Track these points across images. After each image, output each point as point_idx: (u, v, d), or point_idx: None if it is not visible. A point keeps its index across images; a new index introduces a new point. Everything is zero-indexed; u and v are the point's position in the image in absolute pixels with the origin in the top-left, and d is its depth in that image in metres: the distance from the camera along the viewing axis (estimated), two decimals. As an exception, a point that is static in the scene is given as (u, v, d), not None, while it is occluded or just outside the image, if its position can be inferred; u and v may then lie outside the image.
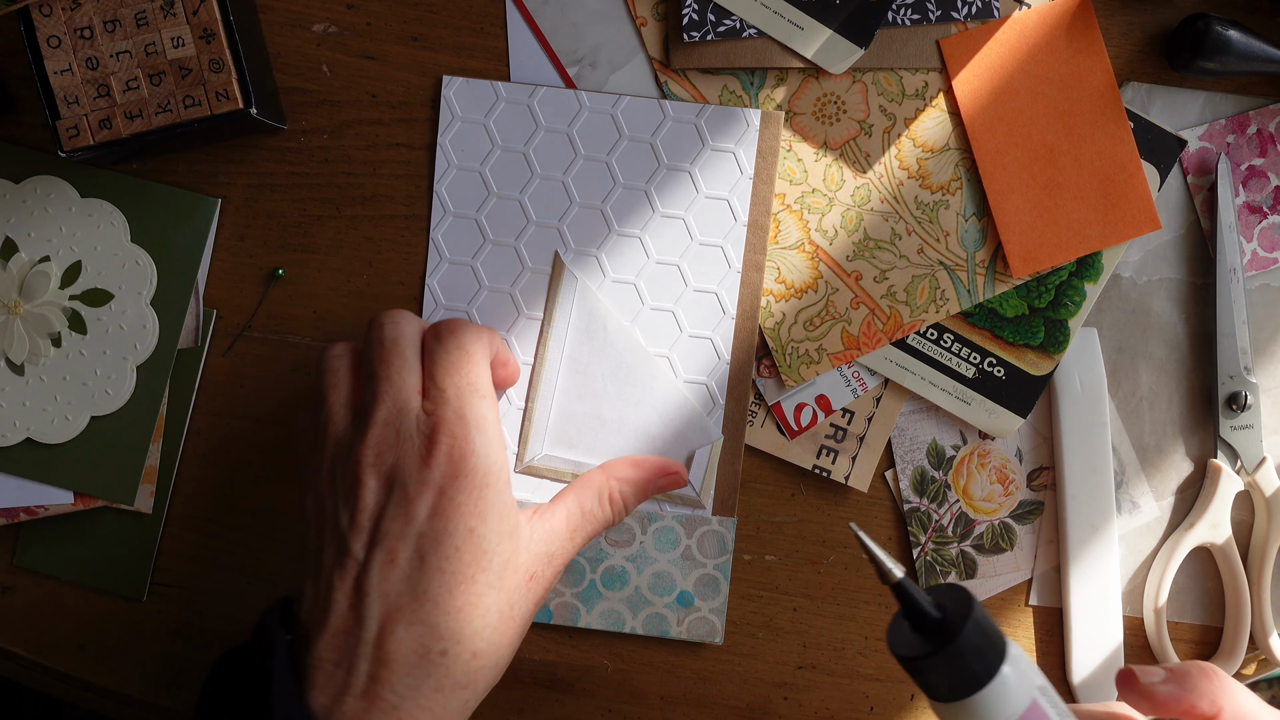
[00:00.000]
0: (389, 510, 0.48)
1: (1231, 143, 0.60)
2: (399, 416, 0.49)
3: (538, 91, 0.59)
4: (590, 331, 0.54)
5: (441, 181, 0.59)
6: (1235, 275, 0.59)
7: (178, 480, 0.60)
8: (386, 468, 0.48)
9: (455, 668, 0.47)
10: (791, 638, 0.60)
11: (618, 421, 0.58)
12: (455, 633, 0.47)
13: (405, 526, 0.47)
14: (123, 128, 0.54)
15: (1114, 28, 0.60)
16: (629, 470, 0.55)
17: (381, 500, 0.48)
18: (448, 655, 0.47)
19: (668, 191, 0.59)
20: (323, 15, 0.59)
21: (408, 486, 0.48)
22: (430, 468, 0.48)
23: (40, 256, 0.58)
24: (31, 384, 0.58)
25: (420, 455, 0.48)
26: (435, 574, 0.47)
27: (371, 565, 0.47)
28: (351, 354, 0.52)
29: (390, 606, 0.47)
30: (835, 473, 0.60)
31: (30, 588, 0.60)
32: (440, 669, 0.46)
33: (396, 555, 0.47)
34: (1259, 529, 0.60)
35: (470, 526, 0.48)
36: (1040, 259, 0.59)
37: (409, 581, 0.47)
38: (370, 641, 0.46)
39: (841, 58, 0.58)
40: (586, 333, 0.54)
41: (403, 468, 0.48)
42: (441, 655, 0.46)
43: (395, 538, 0.47)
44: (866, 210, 0.59)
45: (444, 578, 0.47)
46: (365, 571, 0.47)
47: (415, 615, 0.46)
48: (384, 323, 0.51)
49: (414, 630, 0.46)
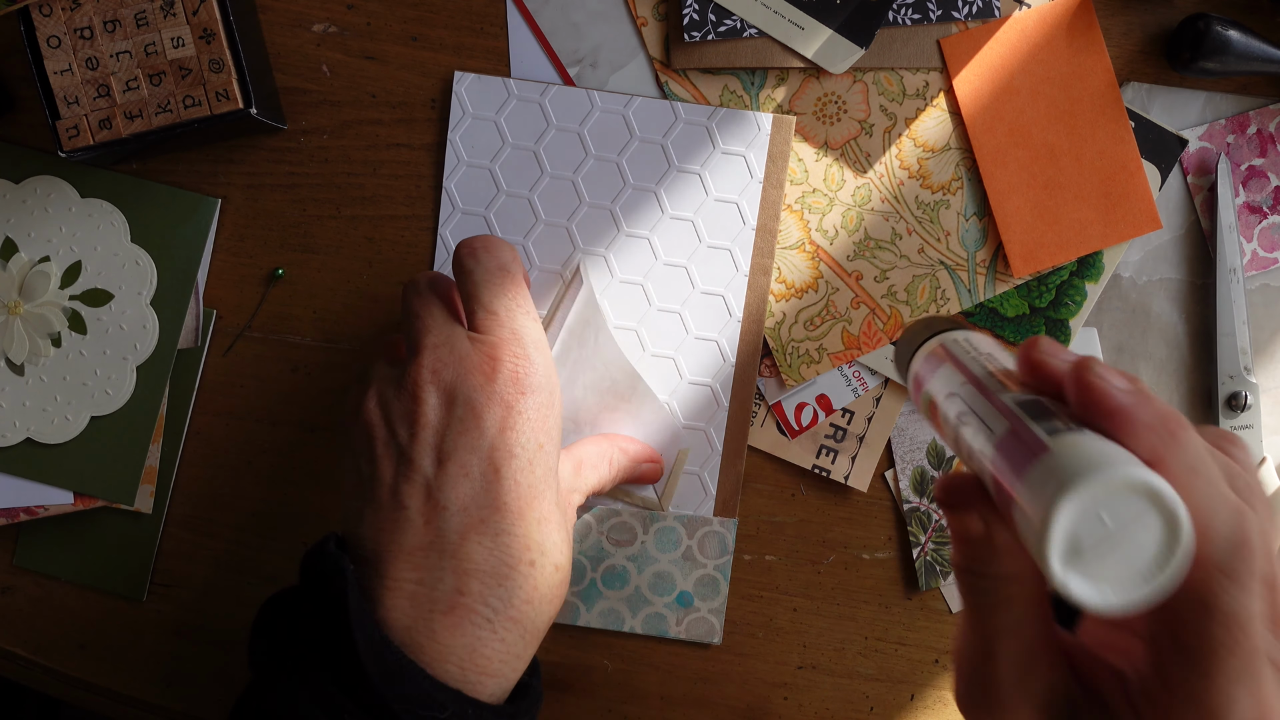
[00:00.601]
0: (454, 426, 0.46)
1: (1231, 143, 0.60)
2: (451, 339, 0.47)
3: (549, 90, 0.59)
4: (582, 338, 0.54)
5: (451, 178, 0.59)
6: (1235, 275, 0.59)
7: (178, 480, 0.60)
8: (446, 384, 0.46)
9: (542, 580, 0.46)
10: (791, 638, 0.60)
11: (591, 425, 0.58)
12: (540, 544, 0.46)
13: (477, 439, 0.46)
14: (123, 128, 0.54)
15: (1114, 28, 0.60)
16: (629, 444, 0.57)
17: (444, 417, 0.46)
18: (535, 566, 0.46)
19: (677, 193, 0.59)
20: (323, 15, 0.59)
21: (474, 401, 0.46)
22: (496, 383, 0.46)
23: (40, 256, 0.58)
24: (31, 384, 0.58)
25: (484, 371, 0.47)
26: (512, 486, 0.46)
27: (444, 479, 0.45)
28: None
29: (470, 519, 0.45)
30: (835, 473, 0.60)
31: (30, 588, 0.60)
32: (530, 581, 0.45)
33: (469, 468, 0.45)
34: (1258, 529, 0.60)
35: (540, 442, 0.47)
36: (1041, 259, 0.59)
37: (487, 494, 0.45)
38: (452, 555, 0.44)
39: (842, 57, 0.58)
40: (578, 339, 0.54)
41: (466, 382, 0.46)
42: (530, 566, 0.45)
43: (466, 450, 0.46)
44: (867, 210, 0.59)
45: (520, 490, 0.46)
46: (438, 486, 0.45)
47: (499, 526, 0.45)
48: (416, 278, 0.51)
49: (500, 541, 0.45)
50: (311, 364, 0.60)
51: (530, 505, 0.46)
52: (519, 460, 0.46)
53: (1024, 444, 0.33)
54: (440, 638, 0.44)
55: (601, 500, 0.59)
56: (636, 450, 0.57)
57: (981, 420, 0.37)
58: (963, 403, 0.39)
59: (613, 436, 0.57)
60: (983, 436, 0.36)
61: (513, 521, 0.45)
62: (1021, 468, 0.33)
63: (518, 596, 0.45)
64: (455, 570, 0.44)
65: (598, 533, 0.59)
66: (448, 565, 0.44)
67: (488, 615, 0.44)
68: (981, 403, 0.37)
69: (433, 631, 0.44)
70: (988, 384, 0.38)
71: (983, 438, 0.36)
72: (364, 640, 0.42)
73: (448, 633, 0.44)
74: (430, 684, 0.43)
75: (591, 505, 0.59)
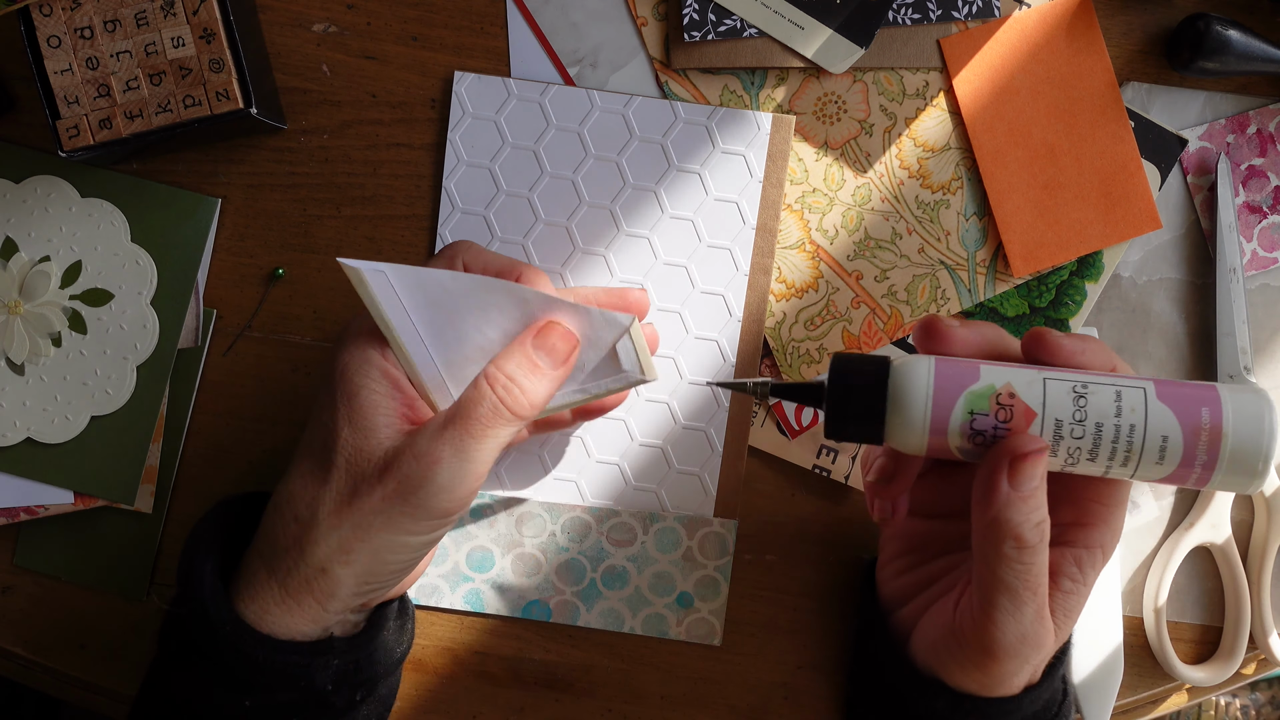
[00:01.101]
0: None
1: (1231, 143, 0.60)
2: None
3: (549, 89, 0.59)
4: (435, 302, 0.47)
5: (450, 177, 0.59)
6: (1235, 275, 0.59)
7: (178, 480, 0.60)
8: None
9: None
10: (791, 638, 0.60)
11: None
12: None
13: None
14: (123, 128, 0.54)
15: (1114, 28, 0.60)
16: (540, 335, 0.49)
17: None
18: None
19: (677, 193, 0.59)
20: (323, 15, 0.59)
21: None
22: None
23: (40, 256, 0.58)
24: (32, 384, 0.58)
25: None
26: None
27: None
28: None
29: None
30: (835, 473, 0.60)
31: (30, 587, 0.60)
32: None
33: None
34: (1259, 529, 0.60)
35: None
36: (1041, 258, 0.59)
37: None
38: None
39: (842, 57, 0.58)
40: (432, 305, 0.47)
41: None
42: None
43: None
44: (867, 210, 0.59)
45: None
46: None
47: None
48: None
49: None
50: (311, 364, 0.60)
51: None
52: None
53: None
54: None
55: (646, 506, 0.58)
56: (555, 337, 0.49)
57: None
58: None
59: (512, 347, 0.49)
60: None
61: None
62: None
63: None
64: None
65: (598, 533, 0.59)
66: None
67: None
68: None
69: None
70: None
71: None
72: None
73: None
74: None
75: (594, 506, 0.59)
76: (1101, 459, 0.44)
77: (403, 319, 0.47)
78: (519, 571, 0.59)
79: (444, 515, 0.46)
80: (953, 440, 0.45)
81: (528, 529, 0.59)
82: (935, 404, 0.45)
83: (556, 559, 0.59)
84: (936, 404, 0.44)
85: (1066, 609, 0.47)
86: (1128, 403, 0.44)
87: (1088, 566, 0.47)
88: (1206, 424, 0.43)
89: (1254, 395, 0.44)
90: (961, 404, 0.44)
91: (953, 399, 0.44)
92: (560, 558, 0.59)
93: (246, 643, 0.46)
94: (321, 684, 0.47)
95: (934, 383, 0.45)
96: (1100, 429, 0.44)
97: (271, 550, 0.48)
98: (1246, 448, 0.43)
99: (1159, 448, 0.44)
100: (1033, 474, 0.43)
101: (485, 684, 0.60)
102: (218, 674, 0.47)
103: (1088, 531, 0.47)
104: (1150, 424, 0.44)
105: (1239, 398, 0.44)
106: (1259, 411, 0.43)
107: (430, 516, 0.46)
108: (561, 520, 0.59)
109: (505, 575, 0.59)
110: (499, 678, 0.60)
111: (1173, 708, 0.62)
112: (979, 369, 0.45)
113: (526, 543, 0.59)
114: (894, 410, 0.45)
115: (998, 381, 0.44)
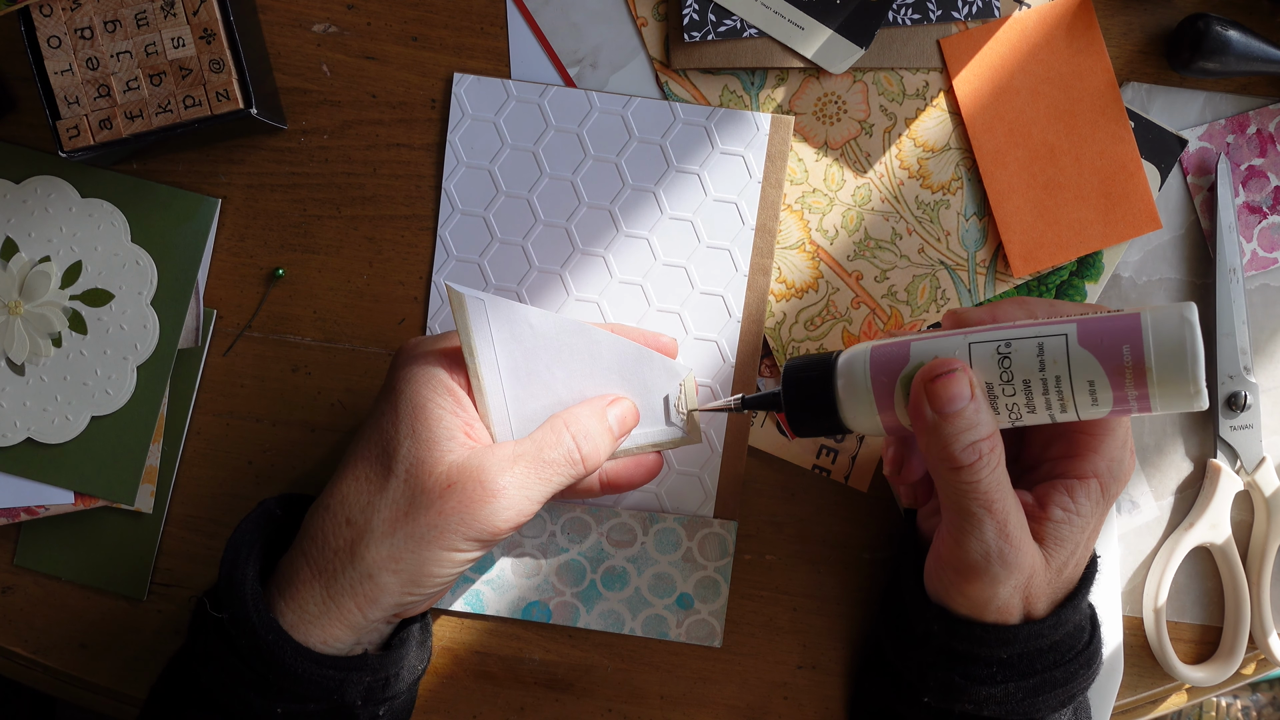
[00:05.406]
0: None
1: (1231, 143, 0.60)
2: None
3: (548, 91, 0.59)
4: (518, 337, 0.51)
5: (450, 179, 0.59)
6: (1235, 275, 0.59)
7: (178, 480, 0.60)
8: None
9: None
10: (791, 638, 0.60)
11: (578, 396, 0.53)
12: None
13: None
14: (123, 128, 0.54)
15: (1114, 28, 0.60)
16: (605, 405, 0.53)
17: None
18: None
19: (676, 193, 0.59)
20: (323, 15, 0.59)
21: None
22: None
23: (40, 256, 0.58)
24: (32, 384, 0.58)
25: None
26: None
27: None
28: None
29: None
30: (835, 473, 0.60)
31: (30, 587, 0.60)
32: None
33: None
34: (1258, 529, 0.60)
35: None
36: (1041, 259, 0.59)
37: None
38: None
39: (842, 58, 0.58)
40: (515, 340, 0.51)
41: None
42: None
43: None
44: (867, 210, 0.59)
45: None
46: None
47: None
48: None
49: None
50: (311, 364, 0.60)
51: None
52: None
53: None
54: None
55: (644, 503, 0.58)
56: (620, 409, 0.53)
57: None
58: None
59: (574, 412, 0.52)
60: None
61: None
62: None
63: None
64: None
65: (598, 534, 0.59)
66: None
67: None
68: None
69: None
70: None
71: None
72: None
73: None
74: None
75: (594, 506, 0.59)
76: (1040, 411, 0.46)
77: (487, 347, 0.50)
78: (519, 572, 0.59)
79: (493, 539, 0.49)
80: (902, 417, 0.48)
81: (527, 529, 0.59)
82: (875, 387, 0.48)
83: (556, 560, 0.59)
84: (876, 387, 0.48)
85: (1058, 538, 0.48)
86: (1050, 354, 0.45)
87: (1081, 496, 0.48)
88: (1129, 361, 0.43)
89: (1175, 319, 0.43)
90: (899, 383, 0.47)
91: (891, 380, 0.47)
92: (560, 558, 0.59)
93: (287, 654, 0.47)
94: (351, 698, 0.49)
95: (869, 370, 0.48)
96: (1029, 385, 0.45)
97: (319, 551, 0.48)
98: (1173, 377, 0.43)
99: (1089, 392, 0.44)
100: (950, 394, 0.45)
101: (485, 684, 0.60)
102: (251, 678, 0.48)
103: (1078, 462, 0.49)
104: (1074, 373, 0.44)
105: (1160, 325, 0.43)
106: (1179, 335, 0.43)
107: (481, 538, 0.48)
108: (561, 520, 0.59)
109: (505, 576, 0.59)
110: (499, 678, 0.60)
111: (1173, 708, 0.62)
112: (909, 348, 0.47)
113: (526, 543, 0.59)
114: (844, 400, 0.48)
115: (925, 356, 0.47)
